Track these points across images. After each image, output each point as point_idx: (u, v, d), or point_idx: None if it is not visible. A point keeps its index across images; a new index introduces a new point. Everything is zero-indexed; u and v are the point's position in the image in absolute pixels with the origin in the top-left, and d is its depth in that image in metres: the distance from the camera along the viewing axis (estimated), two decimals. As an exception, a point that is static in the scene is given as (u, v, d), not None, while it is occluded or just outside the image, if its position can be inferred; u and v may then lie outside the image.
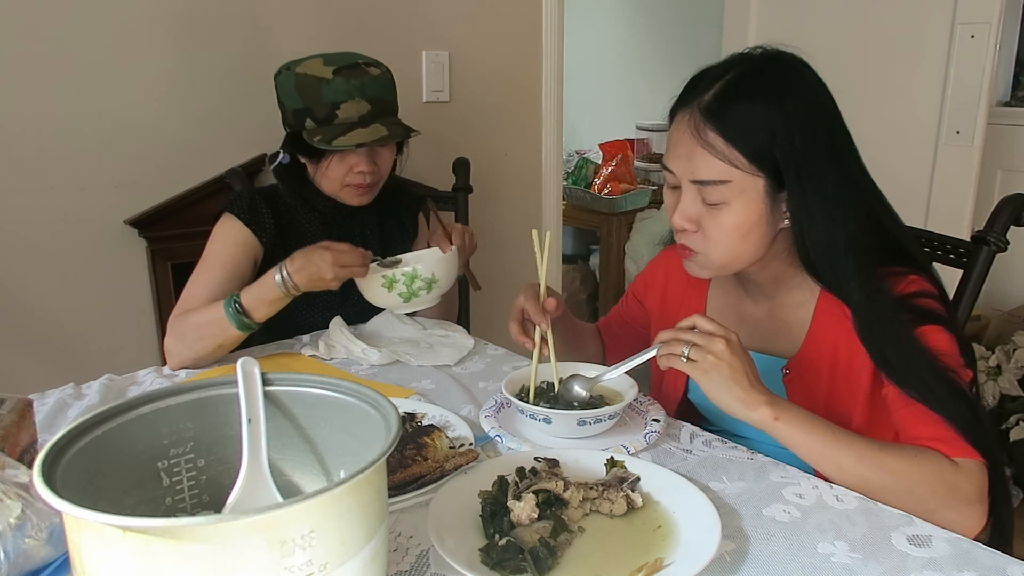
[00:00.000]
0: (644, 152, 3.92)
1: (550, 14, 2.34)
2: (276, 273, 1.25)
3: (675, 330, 0.93)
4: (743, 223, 0.96)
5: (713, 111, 0.94)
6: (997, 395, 2.27)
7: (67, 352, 1.72)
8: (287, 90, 1.40)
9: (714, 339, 0.89)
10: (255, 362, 0.70)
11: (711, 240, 0.99)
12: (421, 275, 1.28)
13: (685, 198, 0.99)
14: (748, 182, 0.95)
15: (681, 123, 0.98)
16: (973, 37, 2.19)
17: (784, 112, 0.93)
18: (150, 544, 0.48)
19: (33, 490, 0.69)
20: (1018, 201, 1.17)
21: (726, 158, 0.94)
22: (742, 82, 0.95)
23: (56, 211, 1.66)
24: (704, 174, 0.95)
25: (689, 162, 0.96)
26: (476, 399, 1.14)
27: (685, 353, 0.90)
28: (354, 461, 0.70)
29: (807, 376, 1.04)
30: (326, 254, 1.25)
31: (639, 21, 4.00)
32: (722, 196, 0.95)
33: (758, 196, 0.95)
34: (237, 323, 1.25)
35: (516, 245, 2.42)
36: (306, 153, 1.44)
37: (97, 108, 1.67)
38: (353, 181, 1.42)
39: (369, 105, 1.38)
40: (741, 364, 0.89)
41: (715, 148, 0.94)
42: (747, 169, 0.94)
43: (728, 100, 0.95)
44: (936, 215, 2.32)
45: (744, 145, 0.93)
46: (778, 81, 0.96)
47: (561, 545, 0.74)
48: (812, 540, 0.78)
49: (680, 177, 0.98)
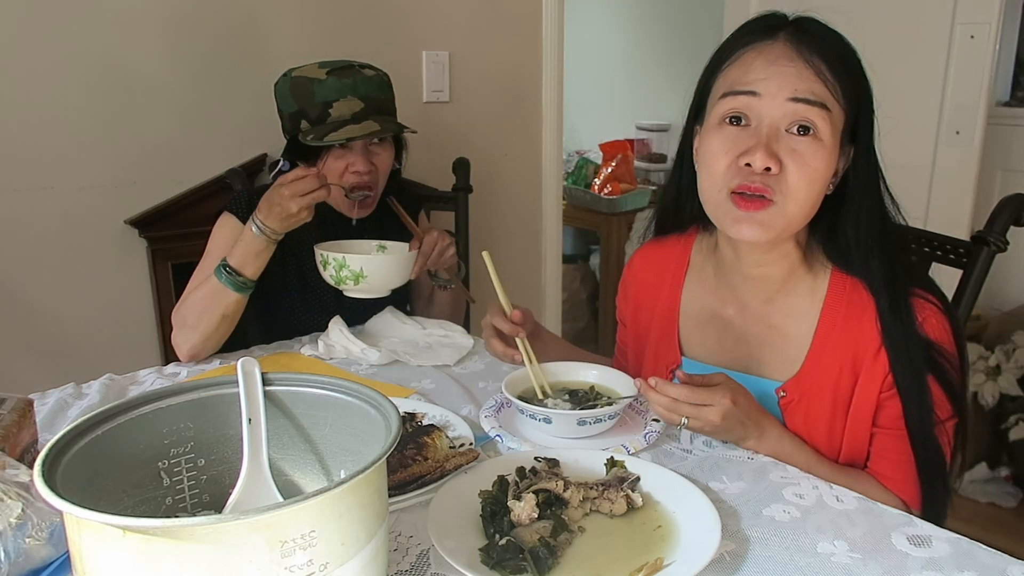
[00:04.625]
0: (644, 152, 3.92)
1: (550, 14, 2.34)
2: (251, 225, 1.28)
3: (667, 399, 0.89)
4: (828, 167, 0.90)
5: (812, 33, 0.90)
6: (997, 395, 2.28)
7: (67, 352, 1.72)
8: (283, 95, 1.41)
9: (706, 411, 0.88)
10: (255, 362, 0.70)
11: (793, 184, 0.88)
12: (349, 265, 1.29)
13: (770, 129, 0.89)
14: (839, 119, 0.90)
15: (770, 47, 0.90)
16: (973, 37, 2.19)
17: (859, 60, 0.93)
18: (150, 544, 0.48)
19: (34, 490, 0.69)
20: (1018, 201, 1.17)
21: (830, 83, 0.88)
22: (816, 22, 0.93)
23: (56, 211, 1.66)
24: (809, 92, 0.87)
25: (794, 79, 0.88)
26: (476, 399, 1.14)
27: (684, 423, 0.90)
28: (354, 461, 0.70)
29: (807, 400, 0.98)
30: (282, 189, 1.26)
31: (639, 21, 4.00)
32: (820, 124, 0.88)
33: (839, 139, 0.90)
34: (232, 284, 1.27)
35: (516, 245, 2.42)
36: (304, 157, 1.44)
37: (97, 108, 1.67)
38: (350, 181, 1.42)
39: (362, 103, 1.37)
40: (736, 420, 0.90)
41: (821, 70, 0.88)
42: (842, 103, 0.89)
43: (818, 30, 0.92)
44: (936, 215, 2.32)
45: (844, 75, 0.89)
46: (842, 35, 0.94)
47: (561, 545, 0.74)
48: (812, 540, 0.78)
49: (771, 98, 0.88)
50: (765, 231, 0.91)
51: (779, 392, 1.00)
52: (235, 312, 1.30)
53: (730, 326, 1.06)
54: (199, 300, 1.29)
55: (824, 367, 0.97)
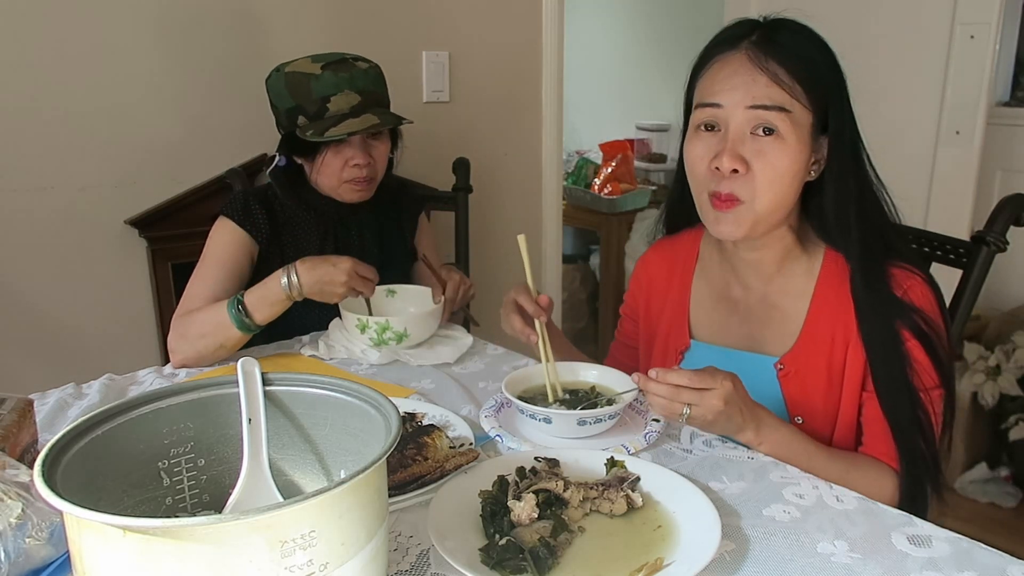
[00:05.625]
0: (644, 152, 3.92)
1: (550, 14, 2.34)
2: (283, 275, 1.26)
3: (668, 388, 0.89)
4: (794, 162, 0.96)
5: (772, 41, 0.96)
6: (996, 395, 2.27)
7: (67, 352, 1.72)
8: (278, 91, 1.41)
9: (709, 397, 0.88)
10: (255, 362, 0.70)
11: (760, 183, 0.96)
12: (393, 327, 1.28)
13: (734, 135, 0.96)
14: (803, 117, 0.96)
15: (732, 59, 0.98)
16: (973, 37, 2.19)
17: (826, 56, 0.98)
18: (150, 544, 0.48)
19: (34, 490, 0.69)
20: (1018, 201, 1.17)
21: (788, 88, 0.95)
22: (783, 26, 0.99)
23: (56, 211, 1.66)
24: (766, 99, 0.95)
25: (750, 89, 0.95)
26: (476, 399, 1.14)
27: (685, 413, 0.90)
28: (354, 461, 0.70)
29: (803, 372, 1.04)
30: (345, 260, 1.26)
31: (639, 21, 4.00)
32: (781, 124, 0.95)
33: (806, 135, 0.97)
34: (238, 323, 1.25)
35: (516, 245, 2.41)
36: (301, 152, 1.44)
37: (97, 108, 1.67)
38: (350, 176, 1.42)
39: (359, 96, 1.38)
40: (736, 406, 0.90)
41: (778, 76, 0.95)
42: (803, 102, 0.95)
43: (785, 32, 0.97)
44: (936, 215, 2.32)
45: (803, 76, 0.95)
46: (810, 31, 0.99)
47: (561, 545, 0.74)
48: (812, 540, 0.78)
49: (734, 107, 0.96)
50: (739, 227, 0.99)
51: (777, 366, 1.05)
52: (233, 346, 1.29)
53: (735, 307, 1.12)
54: (202, 322, 1.28)
55: (818, 339, 1.03)
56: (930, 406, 0.97)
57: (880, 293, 0.98)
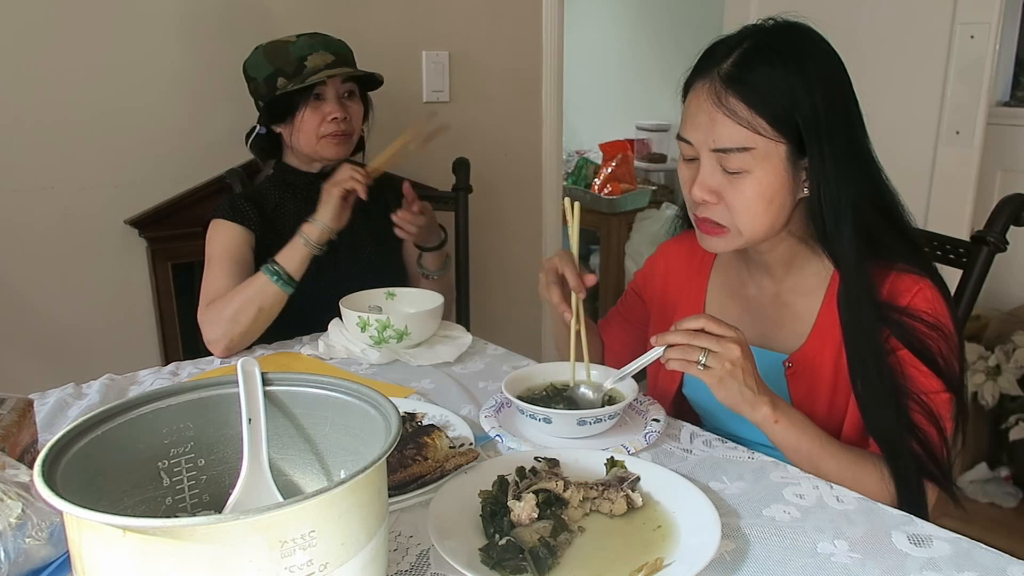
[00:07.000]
0: (644, 152, 3.92)
1: (550, 14, 2.34)
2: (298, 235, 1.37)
3: (684, 333, 0.91)
4: (766, 191, 0.95)
5: (734, 77, 0.94)
6: (997, 395, 2.27)
7: (67, 352, 1.72)
8: (257, 64, 1.50)
9: (728, 343, 0.89)
10: (255, 362, 0.70)
11: (735, 211, 0.97)
12: (394, 325, 1.29)
13: (705, 168, 0.97)
14: (771, 148, 0.94)
15: (700, 92, 0.97)
16: (973, 37, 2.19)
17: (804, 77, 0.93)
18: (150, 544, 0.48)
19: (34, 490, 0.69)
20: (1018, 201, 1.17)
21: (749, 124, 0.93)
22: (760, 49, 0.95)
23: (56, 211, 1.67)
24: (726, 141, 0.94)
25: (711, 130, 0.95)
26: (476, 399, 1.14)
27: (702, 360, 0.89)
28: (354, 461, 0.70)
29: (810, 371, 1.04)
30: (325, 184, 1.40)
31: (639, 21, 4.00)
32: (744, 164, 0.94)
33: (780, 163, 0.95)
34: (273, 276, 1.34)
35: (516, 245, 2.42)
36: (281, 116, 1.51)
37: (97, 108, 1.67)
38: (328, 130, 1.49)
39: (333, 56, 1.50)
40: (752, 366, 0.90)
41: (737, 114, 0.93)
42: (770, 135, 0.93)
43: (749, 66, 0.94)
44: (936, 215, 2.32)
45: (767, 110, 0.93)
46: (796, 47, 0.95)
47: (561, 545, 0.74)
48: (812, 540, 0.78)
49: (700, 147, 0.97)
50: (728, 245, 1.02)
51: (786, 363, 1.05)
52: (271, 307, 1.36)
53: (749, 304, 1.12)
54: (233, 300, 1.35)
55: (827, 339, 1.03)
56: (934, 411, 0.95)
57: (863, 305, 0.96)
